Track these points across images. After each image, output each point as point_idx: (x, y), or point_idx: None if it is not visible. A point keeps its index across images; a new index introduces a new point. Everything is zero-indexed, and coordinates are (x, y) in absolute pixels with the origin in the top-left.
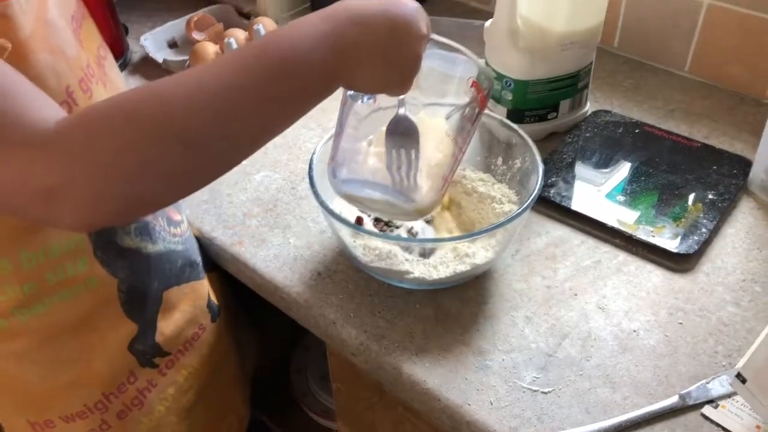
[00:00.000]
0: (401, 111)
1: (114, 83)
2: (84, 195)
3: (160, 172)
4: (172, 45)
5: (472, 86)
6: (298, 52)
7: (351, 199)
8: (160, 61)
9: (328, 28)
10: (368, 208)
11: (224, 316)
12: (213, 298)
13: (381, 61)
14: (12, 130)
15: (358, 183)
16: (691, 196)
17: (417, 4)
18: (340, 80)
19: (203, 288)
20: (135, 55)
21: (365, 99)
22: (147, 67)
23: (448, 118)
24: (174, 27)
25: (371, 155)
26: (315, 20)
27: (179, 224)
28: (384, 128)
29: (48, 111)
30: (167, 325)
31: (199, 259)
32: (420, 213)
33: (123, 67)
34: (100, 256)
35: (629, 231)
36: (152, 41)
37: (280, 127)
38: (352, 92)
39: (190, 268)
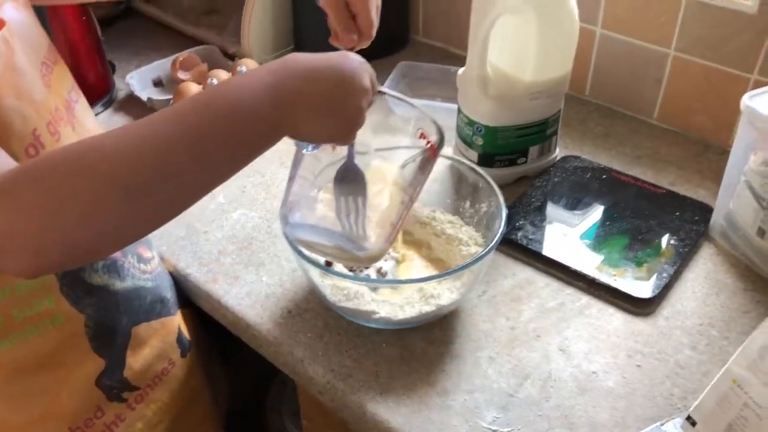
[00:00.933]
0: (349, 159)
1: (84, 125)
2: (27, 244)
3: (102, 223)
4: (158, 84)
5: (420, 137)
6: (242, 104)
7: (302, 244)
8: (145, 99)
9: (274, 80)
10: (320, 252)
11: (196, 351)
12: (185, 332)
13: (324, 113)
14: None
15: (309, 228)
16: (655, 242)
17: (362, 59)
18: (283, 130)
19: (173, 323)
20: (121, 92)
21: (309, 148)
22: (132, 105)
23: (402, 167)
24: (160, 66)
25: (322, 202)
26: (262, 72)
27: (149, 261)
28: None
29: None
30: (136, 361)
31: (170, 294)
32: (369, 260)
33: (108, 104)
34: (66, 293)
35: (592, 274)
36: (138, 79)
37: (224, 177)
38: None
39: (160, 304)
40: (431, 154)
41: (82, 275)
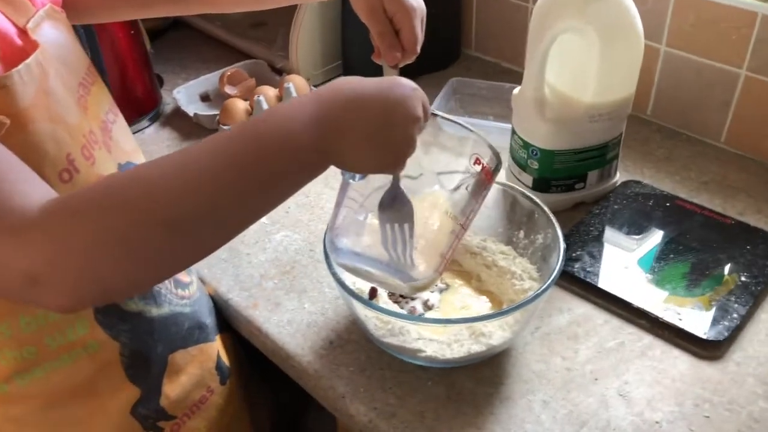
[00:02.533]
0: (394, 185)
1: (121, 147)
2: (66, 280)
3: (142, 257)
4: (205, 98)
5: (475, 163)
6: (289, 136)
7: (348, 269)
8: (191, 114)
9: (320, 109)
10: (366, 278)
11: (235, 378)
12: (224, 359)
13: (373, 144)
14: None
15: (355, 256)
16: (723, 278)
17: (414, 85)
18: (330, 161)
19: (212, 350)
20: (168, 106)
21: (357, 178)
22: (179, 119)
23: (454, 191)
24: (208, 81)
25: (369, 227)
26: (308, 100)
27: (188, 286)
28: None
29: (34, 195)
30: (173, 389)
31: (209, 320)
32: (416, 290)
33: (155, 118)
34: (100, 320)
35: (656, 312)
36: (185, 94)
37: (269, 208)
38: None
39: (198, 330)
40: (486, 179)
41: (117, 302)
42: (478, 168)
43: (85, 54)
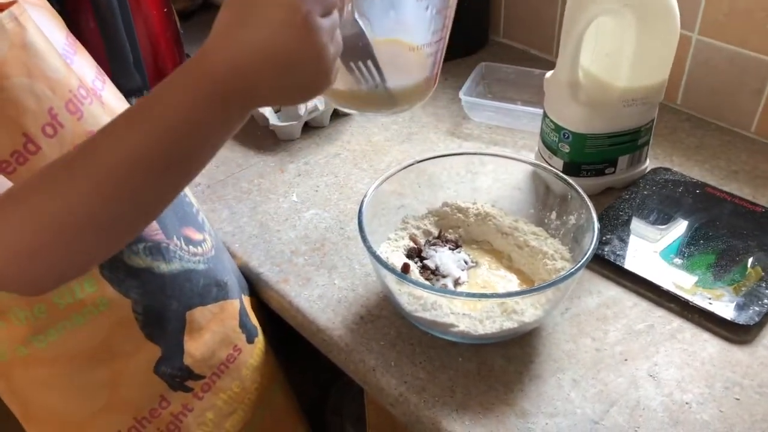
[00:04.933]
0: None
1: (114, 110)
2: (18, 273)
3: (77, 256)
4: None
5: None
6: (189, 122)
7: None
8: None
9: (219, 90)
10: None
11: (266, 339)
12: (251, 318)
13: (287, 88)
14: None
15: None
16: (753, 263)
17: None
18: (246, 115)
19: (233, 308)
20: None
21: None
22: None
23: None
24: None
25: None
26: (201, 84)
27: (200, 243)
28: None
29: None
30: (196, 347)
31: (228, 278)
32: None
33: None
34: (107, 276)
35: (686, 296)
36: None
37: (195, 173)
38: None
39: (216, 287)
40: None
41: (122, 257)
42: None
43: (64, 24)
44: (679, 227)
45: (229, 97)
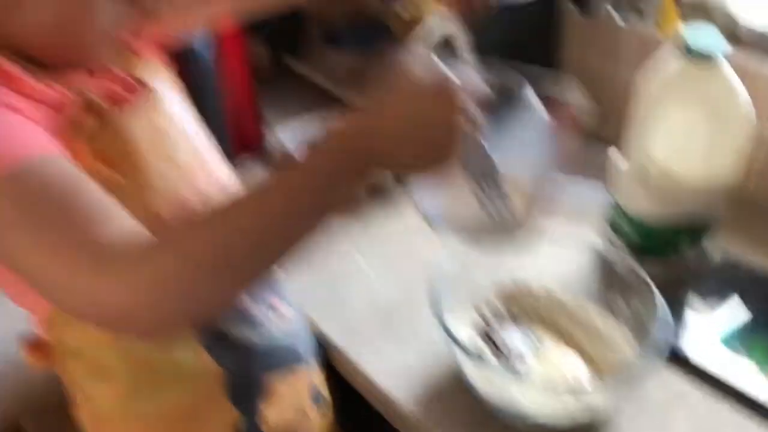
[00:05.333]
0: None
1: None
2: (156, 313)
3: (213, 296)
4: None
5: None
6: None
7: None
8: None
9: (349, 162)
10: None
11: (334, 411)
12: (321, 390)
13: (409, 138)
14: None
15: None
16: None
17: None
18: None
19: (308, 378)
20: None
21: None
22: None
23: None
24: (309, 124)
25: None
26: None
27: (285, 316)
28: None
29: (121, 230)
30: (271, 414)
31: (304, 349)
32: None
33: (259, 158)
34: (206, 345)
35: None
36: (290, 136)
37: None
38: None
39: (294, 357)
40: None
41: (220, 327)
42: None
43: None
44: (748, 322)
45: (363, 159)
